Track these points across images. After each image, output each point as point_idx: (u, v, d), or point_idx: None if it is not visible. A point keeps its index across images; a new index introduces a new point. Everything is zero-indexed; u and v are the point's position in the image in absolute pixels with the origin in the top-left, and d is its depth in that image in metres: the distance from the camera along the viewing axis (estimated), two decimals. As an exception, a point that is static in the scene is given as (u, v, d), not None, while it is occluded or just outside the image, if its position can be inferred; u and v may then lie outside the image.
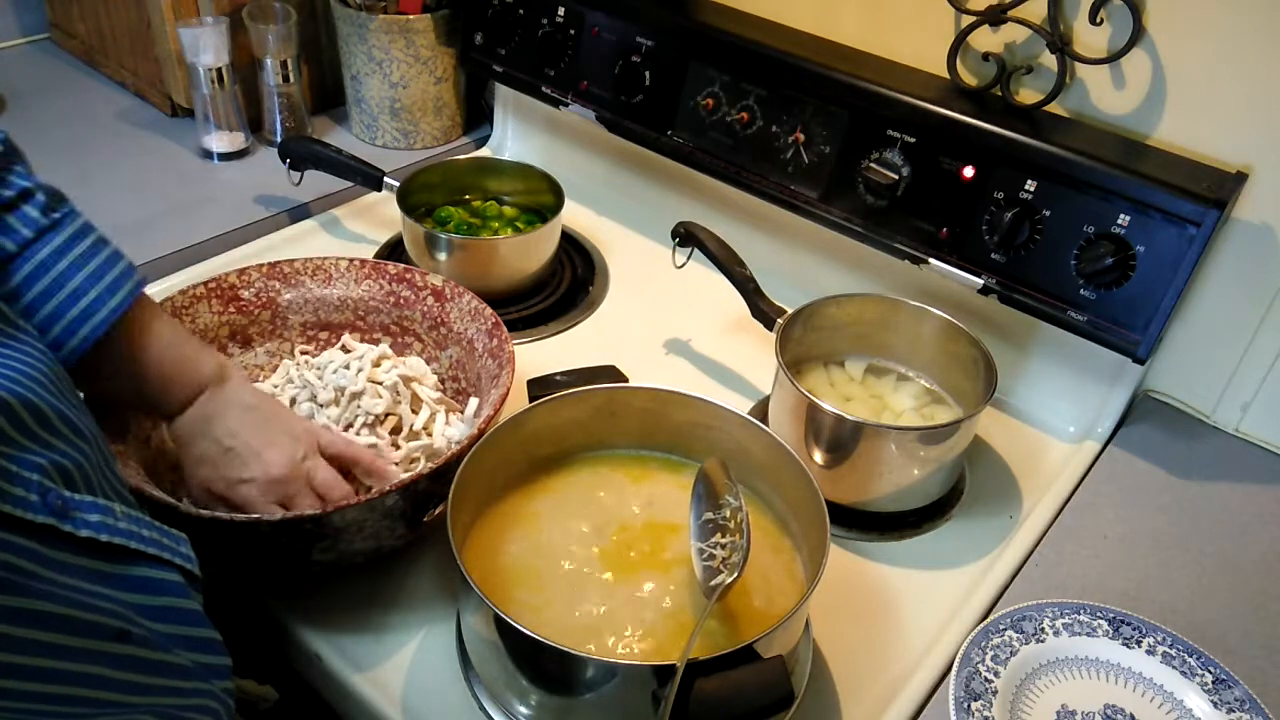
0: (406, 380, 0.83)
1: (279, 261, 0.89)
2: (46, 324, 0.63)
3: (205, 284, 0.85)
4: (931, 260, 0.93)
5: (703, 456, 0.79)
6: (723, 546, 0.67)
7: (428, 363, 0.89)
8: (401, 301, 0.89)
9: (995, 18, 0.90)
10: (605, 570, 0.71)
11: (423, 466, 0.74)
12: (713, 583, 0.66)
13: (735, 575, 0.64)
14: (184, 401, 0.71)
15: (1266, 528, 0.85)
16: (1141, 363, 0.87)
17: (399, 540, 0.74)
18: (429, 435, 0.82)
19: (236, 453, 0.70)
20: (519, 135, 1.33)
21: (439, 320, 0.88)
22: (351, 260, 0.90)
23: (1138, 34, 0.85)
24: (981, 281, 0.91)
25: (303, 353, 0.89)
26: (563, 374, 0.81)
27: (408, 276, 0.89)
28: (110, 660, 0.46)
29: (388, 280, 0.90)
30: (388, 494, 0.67)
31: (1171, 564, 0.81)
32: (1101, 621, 0.73)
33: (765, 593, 0.70)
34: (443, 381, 0.88)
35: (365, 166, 1.12)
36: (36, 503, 0.45)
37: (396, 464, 0.79)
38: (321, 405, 0.81)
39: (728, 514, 0.69)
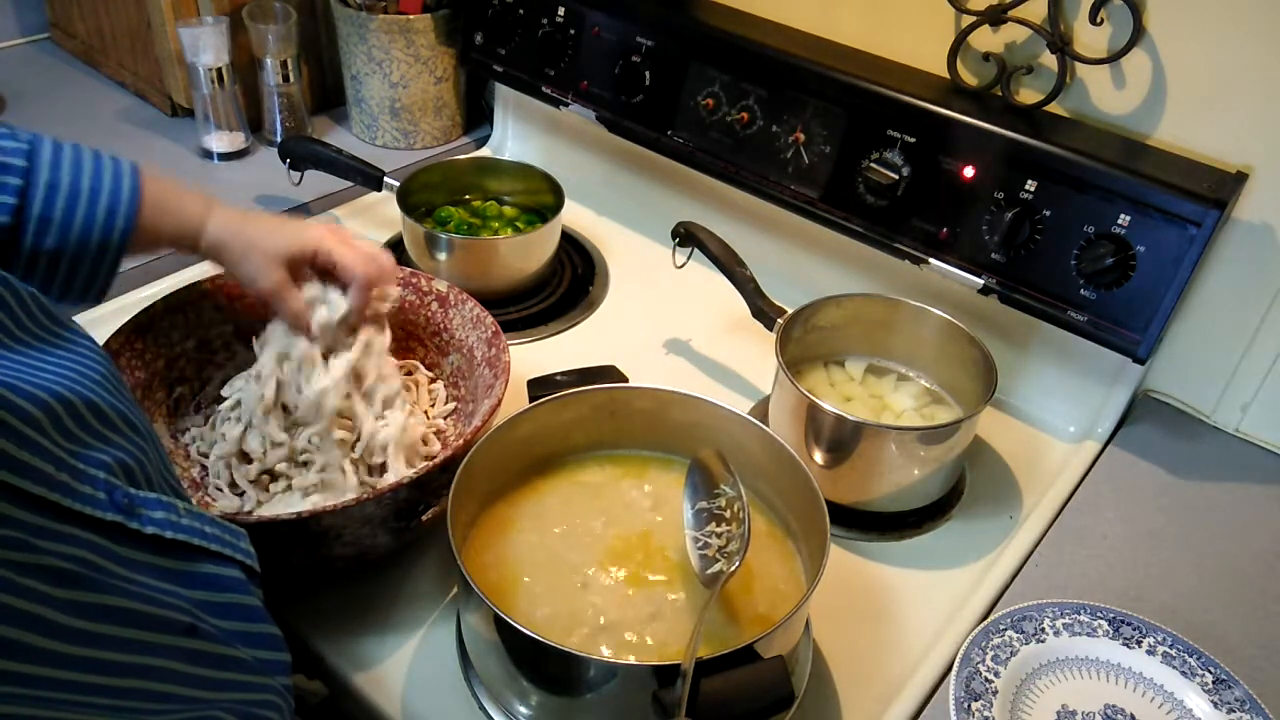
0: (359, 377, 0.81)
1: None
2: (85, 230, 0.67)
3: (211, 280, 0.85)
4: (931, 260, 0.93)
5: (703, 456, 0.79)
6: (719, 536, 0.68)
7: (429, 369, 0.89)
8: (406, 305, 0.89)
9: (995, 18, 0.90)
10: (606, 570, 0.71)
11: (403, 475, 0.73)
12: (710, 571, 0.66)
13: (735, 565, 0.64)
14: (195, 234, 0.75)
15: (1266, 528, 0.85)
16: (1142, 363, 0.87)
17: (383, 547, 0.73)
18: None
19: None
20: (519, 135, 1.33)
21: (442, 326, 0.88)
22: None
23: (1138, 34, 0.85)
24: (981, 281, 0.91)
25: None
26: (563, 374, 0.81)
27: (414, 280, 0.89)
28: (182, 655, 0.46)
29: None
30: (365, 501, 0.66)
31: (1171, 564, 0.81)
32: (1102, 621, 0.73)
33: (765, 593, 0.70)
34: (443, 388, 0.88)
35: (365, 166, 1.12)
36: (104, 500, 0.46)
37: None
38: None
39: (723, 503, 0.69)
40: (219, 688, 0.49)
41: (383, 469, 0.78)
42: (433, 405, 0.85)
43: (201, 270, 1.04)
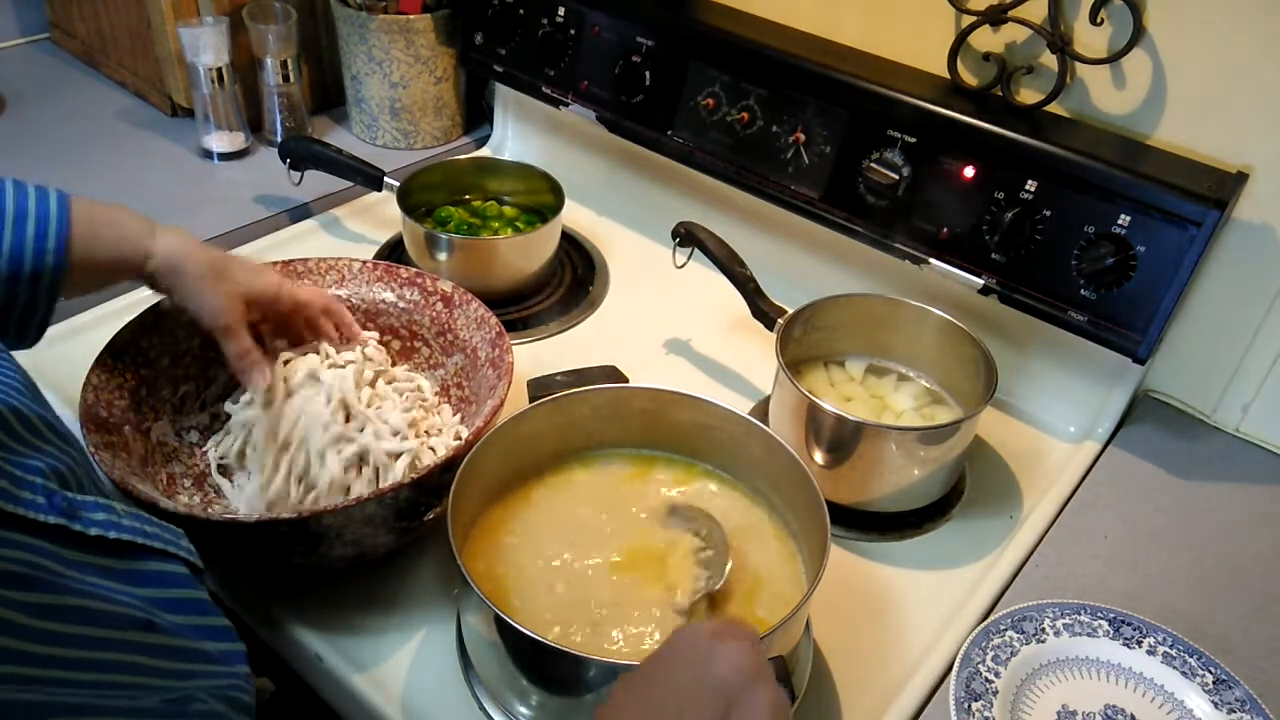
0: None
1: (292, 260, 0.89)
2: (17, 257, 0.65)
3: None
4: (932, 260, 0.93)
5: (703, 457, 0.79)
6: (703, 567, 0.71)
7: (433, 369, 0.89)
8: (411, 305, 0.89)
9: (995, 18, 0.90)
10: (605, 570, 0.71)
11: (404, 475, 0.73)
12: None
13: (720, 581, 0.67)
14: (138, 263, 0.72)
15: (1266, 528, 0.85)
16: (1142, 363, 0.87)
17: (382, 548, 0.73)
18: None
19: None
20: (519, 135, 1.33)
21: (446, 327, 0.88)
22: (365, 262, 0.90)
23: (1138, 34, 0.84)
24: (982, 281, 0.91)
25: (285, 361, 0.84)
26: (563, 374, 0.81)
27: (419, 280, 0.89)
28: (144, 649, 0.47)
29: (399, 283, 0.89)
30: (366, 501, 0.66)
31: (1172, 564, 0.81)
32: (1102, 622, 0.73)
33: (766, 593, 0.70)
34: (446, 389, 0.88)
35: (365, 166, 1.12)
36: (44, 504, 0.46)
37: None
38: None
39: (705, 533, 0.73)
40: (187, 677, 0.49)
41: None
42: (440, 433, 0.84)
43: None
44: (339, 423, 0.76)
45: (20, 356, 0.88)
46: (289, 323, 0.81)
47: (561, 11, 1.13)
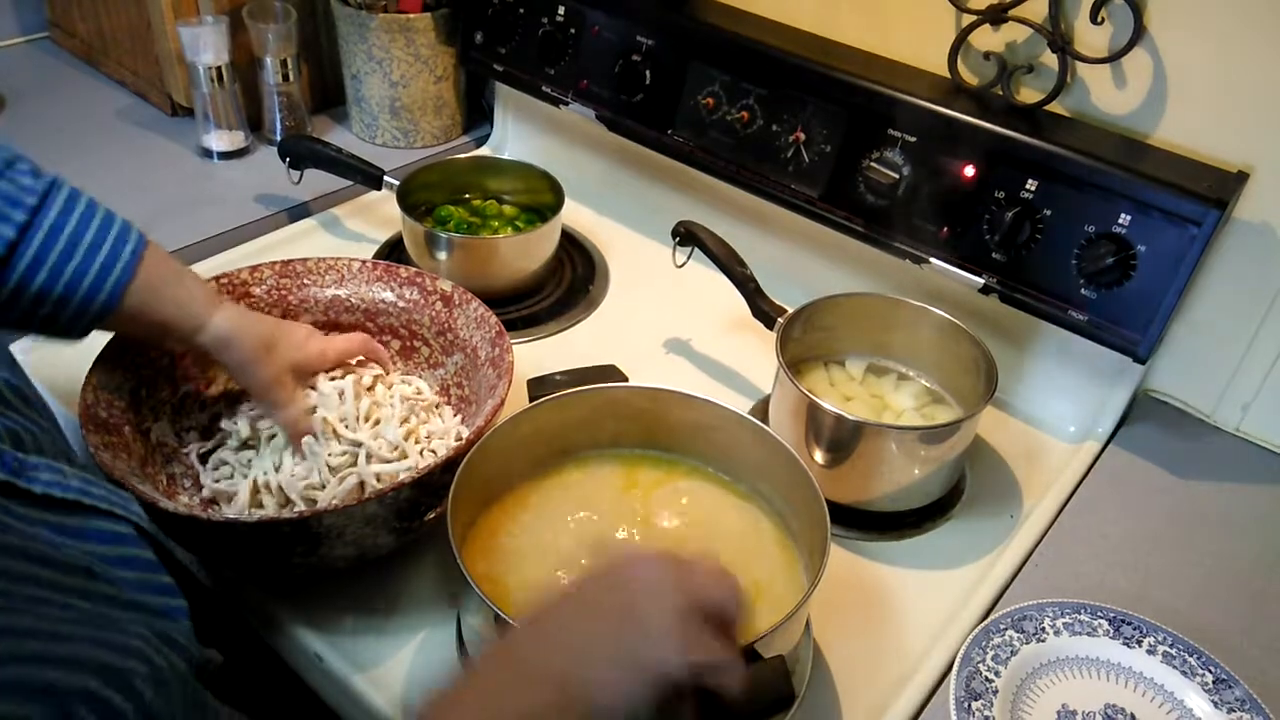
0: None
1: (292, 260, 0.89)
2: (74, 282, 0.67)
3: (216, 279, 0.85)
4: (932, 260, 0.93)
5: (703, 457, 0.79)
6: None
7: (433, 369, 0.89)
8: (410, 305, 0.89)
9: (996, 17, 0.90)
10: (605, 570, 0.71)
11: (405, 475, 0.73)
12: None
13: None
14: (189, 331, 0.74)
15: (1266, 528, 0.85)
16: (1142, 362, 0.87)
17: (384, 548, 0.73)
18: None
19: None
20: (519, 134, 1.33)
21: (446, 326, 0.88)
22: (364, 261, 0.90)
23: (1139, 33, 0.84)
24: (982, 281, 0.91)
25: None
26: (563, 374, 0.81)
27: (418, 280, 0.89)
28: (84, 595, 0.48)
29: (398, 283, 0.89)
30: (366, 501, 0.66)
31: (1172, 564, 0.81)
32: (1102, 621, 0.73)
33: (766, 593, 0.70)
34: (446, 389, 0.88)
35: (365, 165, 1.12)
36: None
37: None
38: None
39: None
40: (127, 624, 0.50)
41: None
42: (442, 437, 0.84)
43: (207, 269, 1.04)
44: (336, 454, 0.77)
45: (21, 355, 0.89)
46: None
47: (561, 11, 1.13)
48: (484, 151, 1.35)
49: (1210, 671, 0.71)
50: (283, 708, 0.77)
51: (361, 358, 0.85)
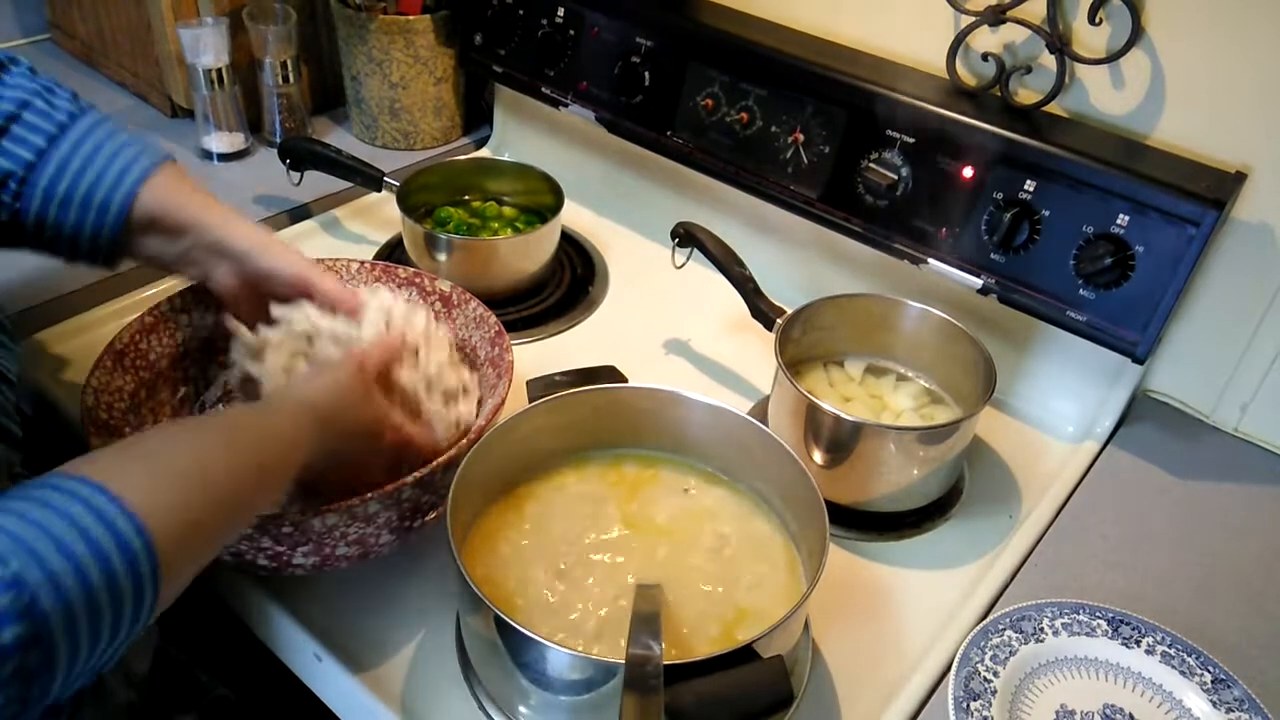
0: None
1: None
2: (93, 186, 0.71)
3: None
4: (931, 260, 0.93)
5: (702, 457, 0.79)
6: None
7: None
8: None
9: (994, 18, 0.90)
10: (606, 570, 0.71)
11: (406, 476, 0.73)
12: None
13: None
14: (222, 221, 0.76)
15: (1266, 528, 0.85)
16: (1141, 363, 0.87)
17: (385, 548, 0.73)
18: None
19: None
20: (519, 135, 1.33)
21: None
22: (363, 262, 0.90)
23: (1137, 34, 0.85)
24: (981, 281, 0.91)
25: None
26: (562, 374, 0.81)
27: (417, 280, 0.89)
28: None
29: (397, 283, 0.89)
30: (368, 500, 0.66)
31: (1170, 563, 0.81)
32: (1101, 621, 0.73)
33: (765, 593, 0.70)
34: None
35: (365, 167, 1.12)
36: None
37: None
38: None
39: None
40: None
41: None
42: (465, 392, 0.81)
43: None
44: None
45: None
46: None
47: (561, 12, 1.13)
48: (484, 153, 1.35)
49: (1209, 671, 0.71)
50: None
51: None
